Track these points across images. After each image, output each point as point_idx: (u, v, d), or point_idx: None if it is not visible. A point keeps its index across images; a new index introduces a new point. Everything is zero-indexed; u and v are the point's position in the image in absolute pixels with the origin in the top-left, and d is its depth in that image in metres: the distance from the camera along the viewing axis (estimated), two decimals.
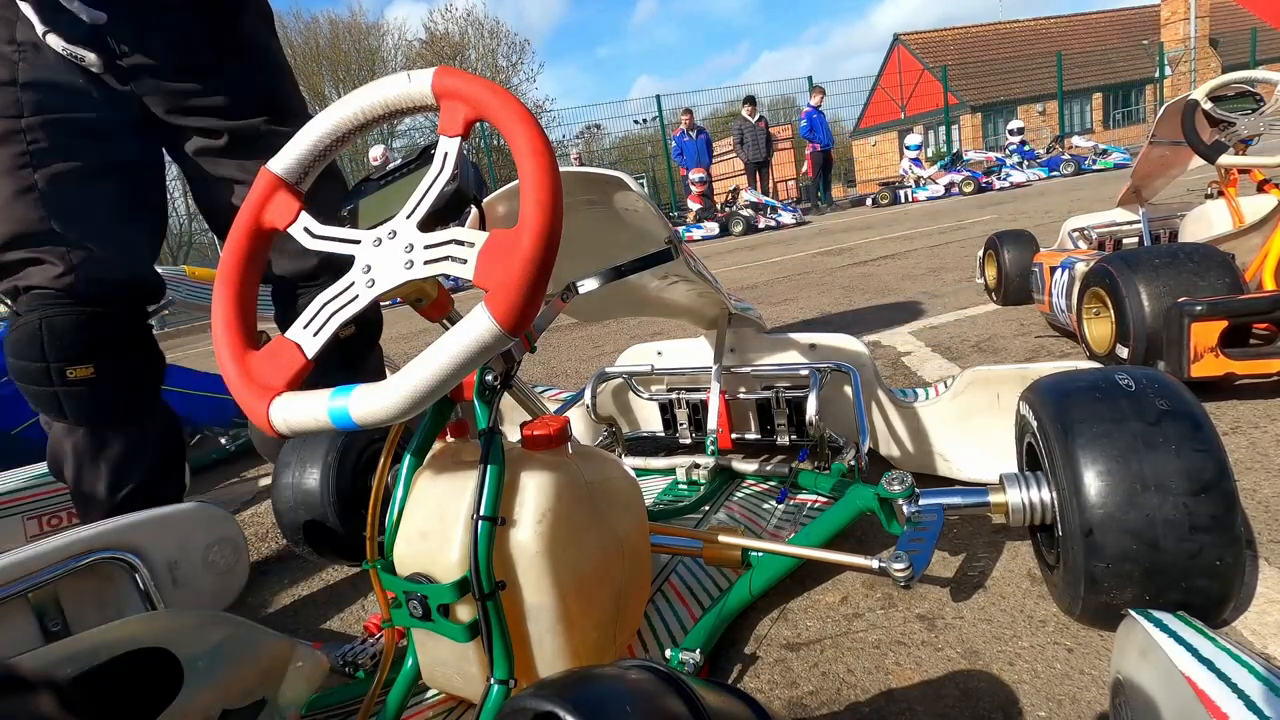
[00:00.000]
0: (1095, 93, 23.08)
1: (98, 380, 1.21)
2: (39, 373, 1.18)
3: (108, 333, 1.24)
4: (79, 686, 0.65)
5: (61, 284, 1.18)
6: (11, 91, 1.17)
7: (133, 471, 1.30)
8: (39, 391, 1.19)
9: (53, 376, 1.18)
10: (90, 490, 1.28)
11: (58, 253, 1.18)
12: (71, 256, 1.19)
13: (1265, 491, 1.13)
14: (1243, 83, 1.99)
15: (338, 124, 0.70)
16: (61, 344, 1.18)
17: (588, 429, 1.64)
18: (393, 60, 25.93)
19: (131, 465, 1.30)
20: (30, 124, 1.17)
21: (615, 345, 3.27)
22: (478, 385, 0.74)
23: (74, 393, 1.20)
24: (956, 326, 2.65)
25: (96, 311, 1.22)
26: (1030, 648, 0.86)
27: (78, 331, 1.19)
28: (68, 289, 1.19)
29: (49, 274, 1.18)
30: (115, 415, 1.27)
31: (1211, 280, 1.49)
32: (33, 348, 1.17)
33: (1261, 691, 0.52)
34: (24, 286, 1.19)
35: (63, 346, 1.18)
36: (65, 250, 1.19)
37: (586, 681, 0.45)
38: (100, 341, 1.22)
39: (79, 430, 1.25)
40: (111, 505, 1.28)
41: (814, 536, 1.01)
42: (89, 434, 1.25)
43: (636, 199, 0.97)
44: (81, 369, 1.19)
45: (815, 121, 11.57)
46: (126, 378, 1.28)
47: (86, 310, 1.20)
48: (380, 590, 0.76)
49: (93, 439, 1.26)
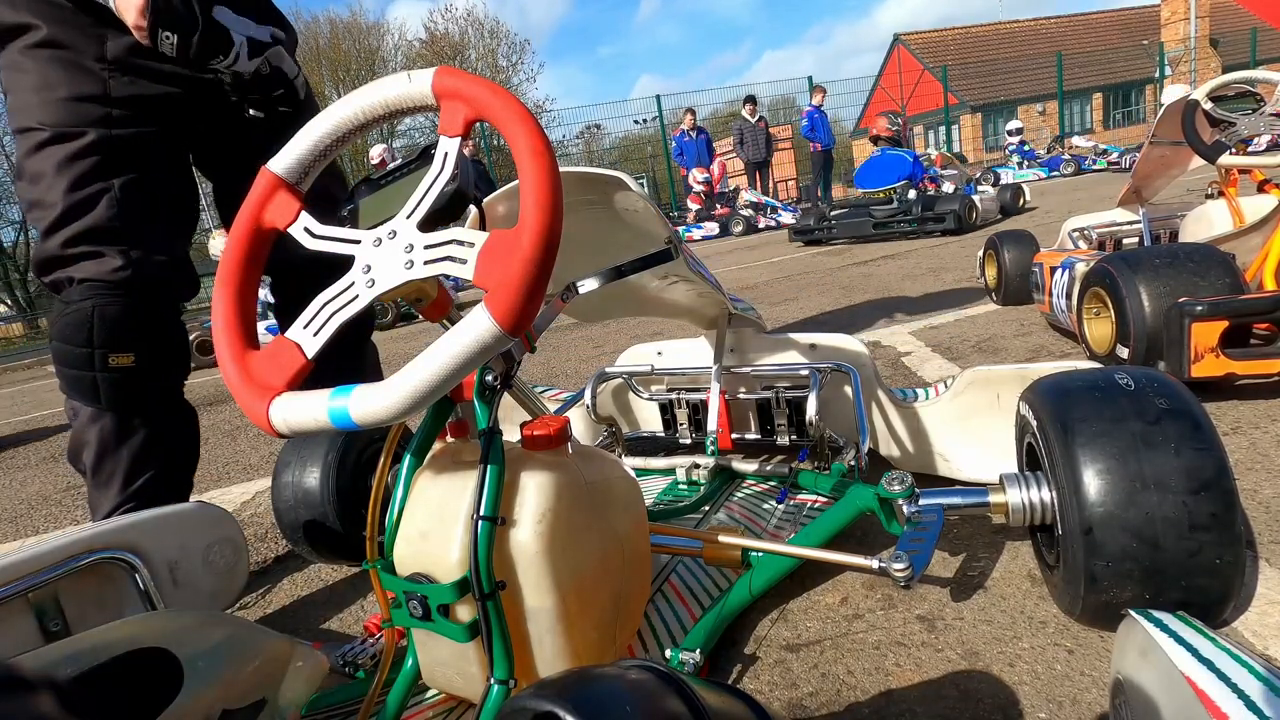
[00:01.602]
0: (1095, 93, 23.10)
1: (136, 369, 1.28)
2: (82, 358, 1.24)
3: (151, 324, 1.31)
4: (79, 686, 0.65)
5: (117, 277, 1.27)
6: (103, 106, 1.28)
7: (151, 462, 1.34)
8: (79, 376, 1.25)
9: (95, 362, 1.24)
10: (108, 478, 1.32)
11: (118, 249, 1.28)
12: (131, 253, 1.29)
13: (1266, 492, 1.13)
14: (1243, 83, 1.98)
15: (338, 124, 0.70)
16: (109, 331, 1.25)
17: (588, 429, 1.64)
18: (393, 60, 25.97)
19: (150, 455, 1.34)
20: (118, 135, 1.29)
21: (615, 345, 3.27)
22: (478, 385, 0.74)
23: (113, 379, 1.26)
24: (956, 326, 2.65)
25: (142, 304, 1.30)
26: (1030, 649, 0.86)
27: (125, 320, 1.27)
28: (122, 282, 1.27)
29: (106, 267, 1.27)
30: (145, 404, 1.33)
31: (1212, 280, 1.49)
32: (81, 333, 1.23)
33: (1261, 692, 0.52)
34: (78, 278, 1.27)
35: (110, 334, 1.25)
36: (127, 248, 1.28)
37: (586, 681, 0.45)
38: (143, 331, 1.30)
39: (106, 417, 1.30)
40: (125, 495, 1.32)
41: (814, 536, 1.01)
42: (116, 421, 1.30)
43: (636, 199, 0.97)
44: (123, 357, 1.26)
45: (816, 121, 11.55)
46: (161, 368, 1.35)
47: (135, 301, 1.28)
48: (380, 590, 0.76)
49: (118, 426, 1.31)
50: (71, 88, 1.26)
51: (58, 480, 2.66)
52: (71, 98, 1.26)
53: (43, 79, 1.27)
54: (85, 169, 1.27)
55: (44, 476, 2.78)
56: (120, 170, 1.30)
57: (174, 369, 1.40)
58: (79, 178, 1.26)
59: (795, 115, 16.32)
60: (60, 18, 1.26)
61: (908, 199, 6.03)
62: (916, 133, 13.45)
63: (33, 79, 1.27)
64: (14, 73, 1.29)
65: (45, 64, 1.27)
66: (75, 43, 1.26)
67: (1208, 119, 1.95)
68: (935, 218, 5.73)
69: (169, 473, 1.39)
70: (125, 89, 1.29)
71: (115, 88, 1.29)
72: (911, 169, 6.25)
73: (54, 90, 1.26)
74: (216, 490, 2.10)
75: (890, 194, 6.22)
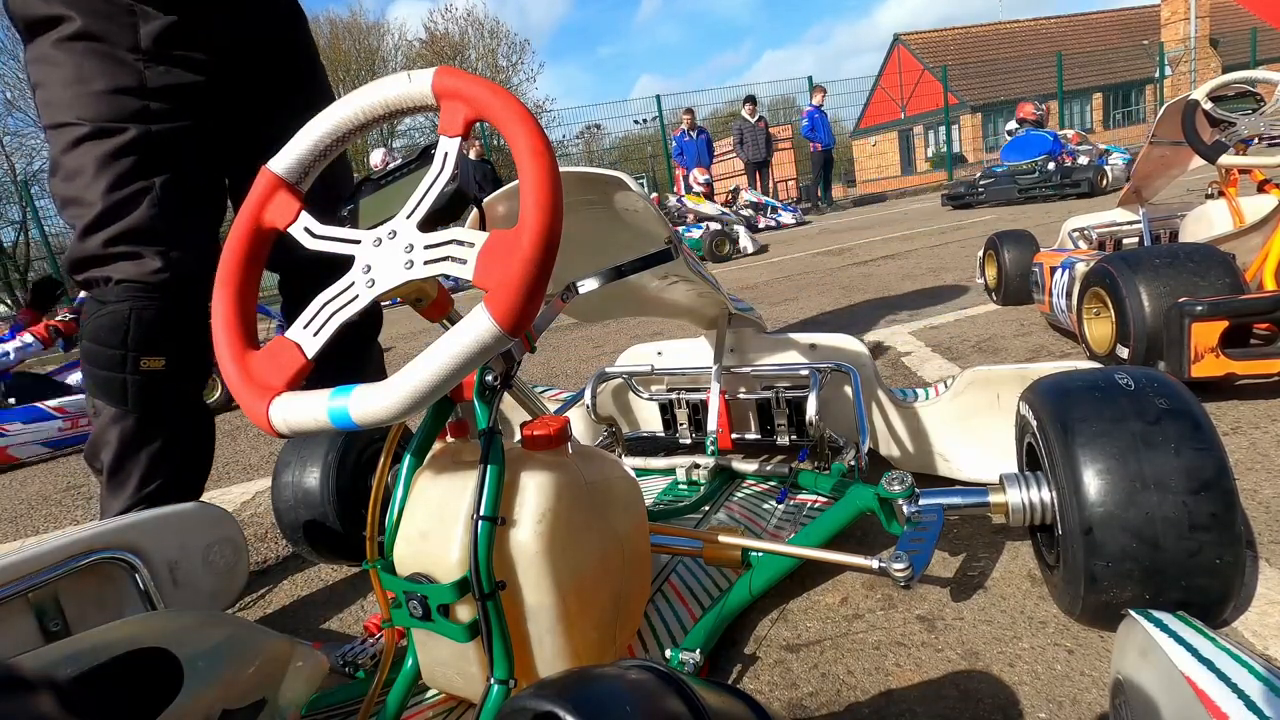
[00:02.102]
0: (1095, 93, 23.09)
1: (165, 372, 1.28)
2: (114, 359, 1.24)
3: (183, 326, 1.31)
4: (79, 686, 0.65)
5: (156, 279, 1.26)
6: (141, 99, 1.26)
7: (166, 465, 1.34)
8: (108, 378, 1.25)
9: (127, 365, 1.24)
10: (124, 479, 1.32)
11: (158, 250, 1.27)
12: (171, 255, 1.28)
13: (1266, 492, 1.13)
14: (1243, 83, 1.98)
15: (338, 124, 0.70)
16: (145, 334, 1.25)
17: (588, 429, 1.64)
18: (393, 60, 25.94)
19: (168, 458, 1.34)
20: (158, 130, 1.27)
21: (615, 345, 3.27)
22: (478, 385, 0.74)
23: (142, 382, 1.26)
24: (956, 326, 2.65)
25: (177, 308, 1.29)
26: (1030, 649, 0.86)
27: (161, 323, 1.27)
28: (160, 284, 1.27)
29: (146, 269, 1.26)
30: (169, 408, 1.33)
31: (1212, 280, 1.49)
32: (115, 335, 1.23)
33: (1261, 691, 0.52)
34: (116, 279, 1.26)
35: (145, 337, 1.25)
36: (166, 249, 1.28)
37: (586, 681, 0.45)
38: (176, 334, 1.30)
39: (129, 419, 1.29)
40: (138, 497, 1.32)
41: (814, 536, 1.01)
42: (138, 422, 1.30)
43: (636, 199, 0.97)
44: (155, 360, 1.27)
45: (817, 121, 11.56)
46: (188, 372, 1.35)
47: (169, 304, 1.28)
48: (380, 590, 0.76)
49: (140, 428, 1.31)
50: (108, 80, 1.23)
51: (58, 480, 2.66)
52: (109, 90, 1.24)
53: (77, 72, 1.23)
54: (126, 167, 1.25)
55: (44, 476, 2.78)
56: (160, 168, 1.28)
57: (199, 374, 1.40)
58: (120, 176, 1.24)
59: (795, 115, 16.32)
60: (93, 8, 1.22)
61: (1048, 170, 7.56)
62: (917, 133, 13.36)
63: (66, 72, 1.24)
64: (45, 66, 1.26)
65: (80, 57, 1.23)
66: (109, 34, 1.24)
67: (1208, 119, 1.94)
68: (1072, 183, 7.27)
69: (182, 476, 1.38)
70: (160, 79, 1.27)
71: (151, 78, 1.26)
72: (1052, 145, 7.78)
73: (90, 84, 1.23)
74: (216, 490, 2.10)
75: (1034, 165, 7.71)
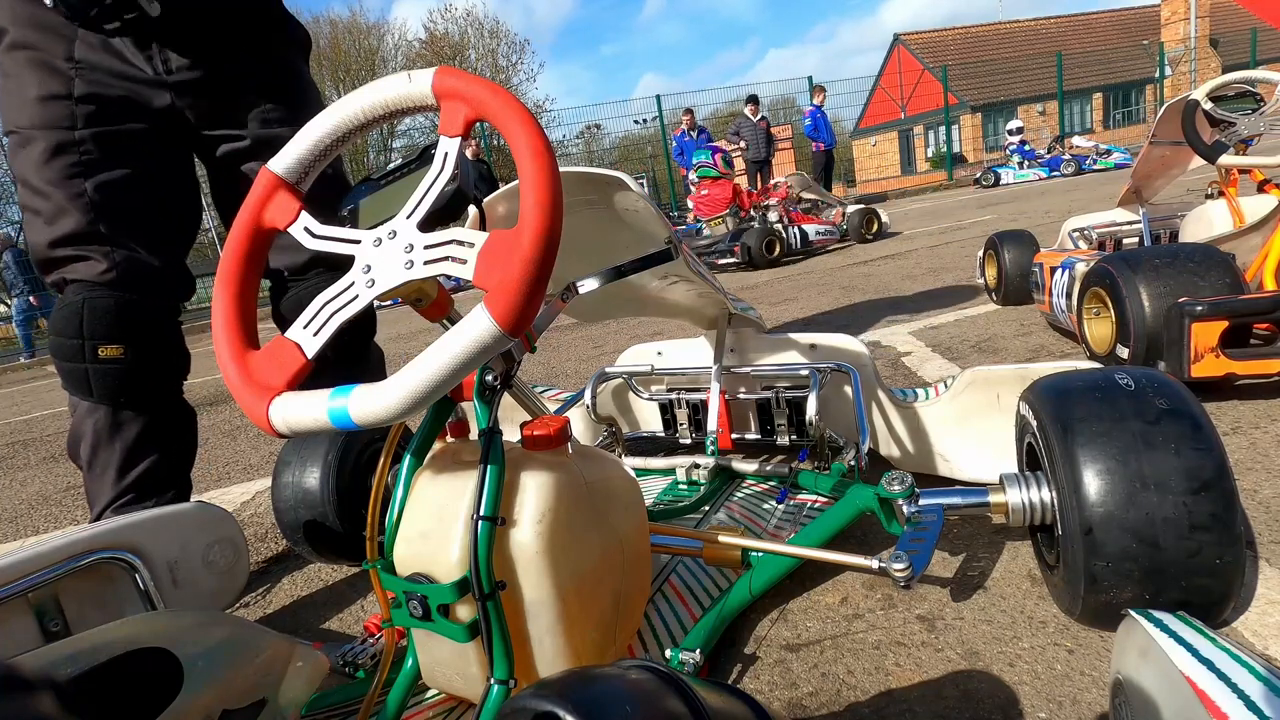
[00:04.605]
0: (1095, 93, 23.09)
1: (125, 361, 1.31)
2: (74, 349, 1.28)
3: (140, 320, 1.34)
4: (79, 686, 0.65)
5: (105, 279, 1.31)
6: (67, 105, 1.28)
7: (144, 454, 1.37)
8: (72, 368, 1.29)
9: (86, 353, 1.28)
10: (103, 469, 1.35)
11: (102, 251, 1.31)
12: (114, 255, 1.32)
13: (1266, 492, 1.13)
14: (1243, 83, 1.98)
15: (338, 124, 0.70)
16: (98, 323, 1.29)
17: (588, 429, 1.64)
18: (393, 60, 25.94)
19: (144, 448, 1.37)
20: (83, 136, 1.29)
21: (615, 345, 3.27)
22: (478, 385, 0.74)
23: (102, 370, 1.30)
24: (956, 326, 2.65)
25: (132, 299, 1.33)
26: (1030, 649, 0.86)
27: (113, 314, 1.30)
28: (109, 283, 1.31)
29: (94, 270, 1.31)
30: (136, 397, 1.35)
31: (1212, 280, 1.49)
32: (72, 324, 1.28)
33: (1261, 691, 0.52)
34: (71, 279, 1.31)
35: (98, 325, 1.29)
36: (109, 250, 1.32)
37: (586, 681, 0.45)
38: (133, 326, 1.33)
39: (100, 409, 1.33)
40: (121, 487, 1.35)
41: (814, 536, 1.01)
42: (109, 414, 1.34)
43: (636, 199, 0.97)
44: (112, 348, 1.30)
45: (819, 121, 11.54)
46: (151, 364, 1.37)
47: (124, 297, 1.32)
48: (380, 590, 0.76)
49: (112, 419, 1.34)
50: (41, 88, 1.27)
51: (58, 480, 2.66)
52: (40, 98, 1.27)
53: (19, 81, 1.28)
54: (59, 171, 1.28)
55: (44, 476, 2.78)
56: (95, 171, 1.30)
57: (169, 368, 1.42)
58: (54, 180, 1.28)
59: (795, 115, 16.30)
60: (31, 18, 1.26)
61: None
62: (917, 133, 13.38)
63: (12, 82, 1.29)
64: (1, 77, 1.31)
65: (22, 66, 1.28)
66: (45, 44, 1.27)
67: (1208, 119, 1.94)
68: None
69: (164, 466, 1.41)
70: (88, 87, 1.29)
71: (79, 86, 1.28)
72: None
73: (27, 91, 1.28)
74: (216, 490, 2.10)
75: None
